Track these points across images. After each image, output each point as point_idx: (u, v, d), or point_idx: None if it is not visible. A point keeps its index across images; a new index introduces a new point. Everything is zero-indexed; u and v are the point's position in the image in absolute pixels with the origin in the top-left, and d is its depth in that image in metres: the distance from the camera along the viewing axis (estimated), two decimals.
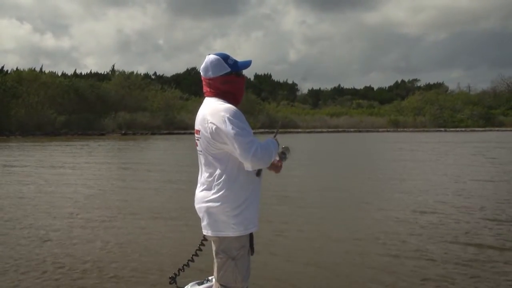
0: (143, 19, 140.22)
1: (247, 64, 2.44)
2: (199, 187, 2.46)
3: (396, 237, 5.40)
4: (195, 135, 2.44)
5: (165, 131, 39.77)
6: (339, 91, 78.82)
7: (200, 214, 2.44)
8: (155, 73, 71.75)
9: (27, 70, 43.60)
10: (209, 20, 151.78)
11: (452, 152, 18.03)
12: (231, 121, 2.23)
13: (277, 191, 8.25)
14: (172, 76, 71.00)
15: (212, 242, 2.47)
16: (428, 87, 70.96)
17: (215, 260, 2.45)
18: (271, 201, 7.42)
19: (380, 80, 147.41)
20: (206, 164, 2.41)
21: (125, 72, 49.31)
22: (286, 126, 47.18)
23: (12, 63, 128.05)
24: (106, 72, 58.71)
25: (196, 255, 2.92)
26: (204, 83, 2.47)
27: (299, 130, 44.99)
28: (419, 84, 76.46)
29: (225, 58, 2.39)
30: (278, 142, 2.47)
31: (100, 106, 41.51)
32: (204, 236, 2.51)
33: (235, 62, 2.41)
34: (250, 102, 45.37)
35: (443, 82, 74.72)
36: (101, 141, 27.77)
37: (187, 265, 3.05)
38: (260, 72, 79.30)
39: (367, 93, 77.26)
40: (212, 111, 2.32)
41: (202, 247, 2.81)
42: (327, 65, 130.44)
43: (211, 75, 2.39)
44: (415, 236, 5.43)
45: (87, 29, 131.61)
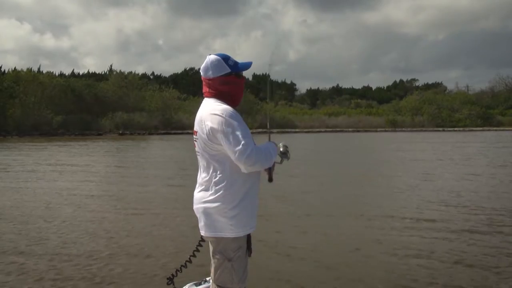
0: (143, 19, 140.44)
1: (247, 66, 2.44)
2: (197, 187, 2.46)
3: (398, 236, 5.35)
4: (193, 135, 2.45)
5: (162, 131, 39.69)
6: (337, 91, 78.86)
7: (197, 215, 2.44)
8: (153, 73, 71.85)
9: (24, 70, 43.47)
10: (209, 20, 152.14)
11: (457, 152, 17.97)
12: (227, 122, 2.23)
13: (276, 190, 8.20)
14: (170, 76, 71.01)
15: (209, 243, 2.46)
16: (427, 87, 71.12)
17: (212, 261, 2.44)
18: (271, 200, 7.41)
19: (379, 80, 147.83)
20: (204, 165, 2.41)
21: (122, 72, 49.25)
22: (284, 126, 47.14)
23: (11, 64, 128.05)
24: (104, 72, 58.56)
25: (194, 255, 2.90)
26: (204, 83, 2.46)
27: (296, 130, 44.94)
28: (417, 84, 76.71)
29: (225, 58, 2.39)
30: (276, 144, 2.44)
31: (97, 106, 41.37)
32: (202, 237, 2.50)
33: (236, 63, 2.41)
34: (248, 102, 45.28)
35: (441, 82, 75.04)
36: (98, 141, 27.60)
37: (185, 265, 3.01)
38: (260, 72, 79.28)
39: (366, 93, 77.33)
40: (209, 112, 2.32)
41: (200, 247, 2.78)
42: (326, 65, 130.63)
43: (211, 75, 2.39)
44: (417, 236, 5.37)
45: (87, 29, 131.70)
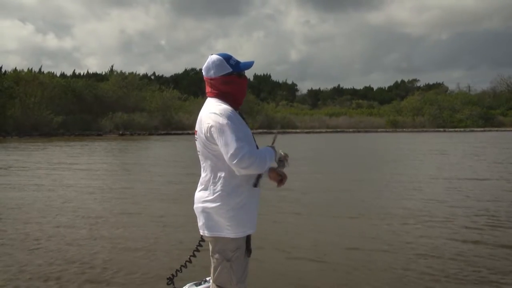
0: (145, 20, 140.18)
1: (249, 65, 2.42)
2: (198, 187, 2.46)
3: (401, 236, 5.34)
4: (194, 135, 2.45)
5: (162, 132, 39.66)
6: (338, 91, 78.80)
7: (197, 214, 2.44)
8: (154, 73, 71.82)
9: (25, 70, 43.43)
10: (211, 21, 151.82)
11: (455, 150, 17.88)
12: (223, 123, 2.22)
13: (279, 190, 8.17)
14: (171, 77, 71.02)
15: (209, 243, 2.46)
16: (428, 87, 71.05)
17: (211, 261, 2.43)
18: (273, 199, 7.44)
19: (381, 80, 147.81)
20: (204, 165, 2.41)
21: (123, 72, 49.26)
22: (284, 126, 47.06)
23: (13, 64, 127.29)
24: (104, 73, 58.51)
25: (194, 255, 2.87)
26: (206, 83, 2.46)
27: (297, 131, 44.86)
28: (418, 84, 76.65)
29: (227, 58, 2.38)
30: (275, 150, 2.43)
31: (98, 107, 41.35)
32: (202, 237, 2.49)
33: (237, 63, 2.39)
34: (249, 102, 45.25)
35: (443, 82, 74.97)
36: (98, 141, 27.55)
37: (185, 266, 2.97)
38: (261, 73, 79.39)
39: (367, 93, 77.28)
40: (208, 112, 2.32)
41: (200, 247, 2.76)
42: (328, 65, 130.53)
43: (212, 75, 2.38)
44: (420, 236, 5.36)
45: (90, 29, 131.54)
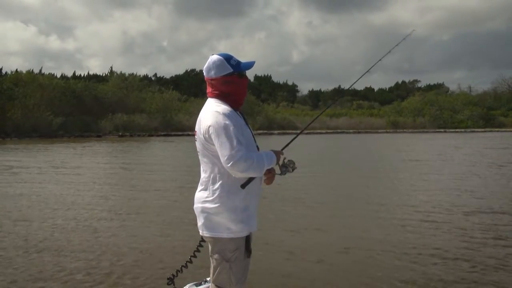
0: (148, 21, 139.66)
1: (249, 65, 2.42)
2: (198, 187, 2.47)
3: (404, 236, 5.38)
4: (194, 136, 2.47)
5: (162, 133, 39.53)
6: (339, 92, 78.61)
7: (196, 214, 2.45)
8: (155, 74, 71.64)
9: (27, 72, 43.23)
10: (214, 22, 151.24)
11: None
12: (221, 124, 2.22)
13: (282, 190, 8.34)
14: (171, 78, 70.81)
15: (208, 243, 2.46)
16: (429, 87, 70.89)
17: (211, 261, 2.44)
18: (276, 199, 7.51)
19: (382, 81, 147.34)
20: (203, 165, 2.43)
21: (123, 73, 49.11)
22: (284, 127, 46.95)
23: (15, 66, 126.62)
24: (105, 74, 58.39)
25: (194, 256, 2.88)
26: (207, 84, 2.47)
27: (297, 131, 44.62)
28: (419, 85, 76.49)
29: (227, 58, 2.38)
30: (278, 155, 2.40)
31: (97, 108, 41.19)
32: (202, 237, 2.50)
33: (238, 63, 2.39)
34: (249, 103, 45.15)
35: (443, 83, 74.78)
36: (98, 143, 27.45)
37: (185, 266, 2.99)
38: (262, 74, 79.27)
39: (368, 94, 77.08)
40: (207, 112, 2.32)
41: (201, 248, 2.77)
42: (330, 66, 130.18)
43: (213, 75, 2.39)
44: (422, 236, 5.37)
45: (92, 31, 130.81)
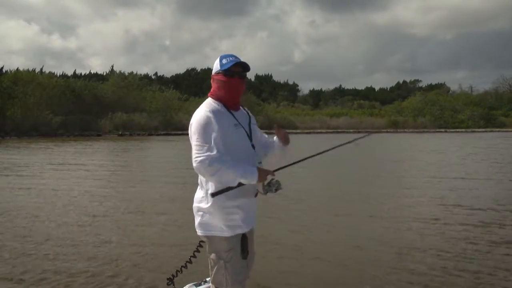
0: (151, 20, 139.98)
1: (231, 62, 2.38)
2: (198, 187, 2.51)
3: (406, 236, 5.42)
4: None
5: (162, 132, 39.60)
6: (340, 92, 78.43)
7: (194, 214, 2.48)
8: (156, 73, 71.73)
9: (29, 70, 43.42)
10: (217, 21, 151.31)
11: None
12: (196, 126, 2.30)
13: (284, 190, 8.28)
14: (171, 77, 70.88)
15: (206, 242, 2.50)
16: (430, 87, 70.58)
17: (208, 261, 2.47)
18: (278, 199, 7.47)
19: (384, 81, 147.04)
20: None
21: (123, 72, 49.28)
22: (285, 127, 46.68)
23: (16, 64, 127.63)
24: (106, 73, 58.56)
25: (194, 256, 2.90)
26: None
27: (297, 131, 44.70)
28: (420, 84, 76.16)
29: (221, 58, 2.43)
30: (262, 173, 2.33)
31: (97, 107, 41.30)
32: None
33: (228, 62, 2.40)
34: (249, 102, 45.18)
35: (445, 82, 74.42)
36: (97, 142, 27.46)
37: (185, 266, 3.01)
38: (264, 73, 79.30)
39: (369, 93, 76.87)
40: (195, 111, 2.41)
41: (200, 248, 2.77)
42: (332, 65, 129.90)
43: (212, 74, 2.50)
44: (426, 235, 5.41)
45: (95, 29, 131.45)
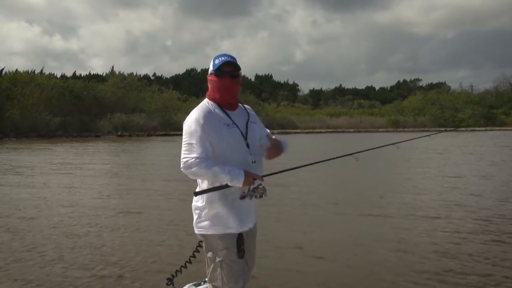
0: (152, 20, 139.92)
1: (221, 62, 2.40)
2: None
3: (409, 235, 5.41)
4: None
5: (161, 133, 39.56)
6: (340, 91, 78.31)
7: (192, 212, 2.51)
8: (154, 74, 71.65)
9: (29, 72, 43.35)
10: (218, 21, 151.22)
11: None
12: (186, 127, 2.36)
13: (286, 190, 8.38)
14: (171, 77, 70.80)
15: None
16: (430, 86, 70.43)
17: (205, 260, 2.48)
18: (281, 198, 7.54)
19: (386, 80, 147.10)
20: None
21: (123, 73, 49.27)
22: (285, 126, 46.87)
23: (17, 66, 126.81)
24: (105, 74, 58.49)
25: (194, 256, 2.90)
26: None
27: (297, 131, 44.63)
28: (421, 84, 76.01)
29: (214, 58, 2.45)
30: (248, 177, 2.32)
31: (96, 108, 41.27)
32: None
33: (218, 62, 2.42)
34: (249, 102, 45.05)
35: (445, 81, 74.27)
36: (96, 143, 27.39)
37: (185, 266, 2.99)
38: (264, 73, 79.28)
39: (369, 93, 76.76)
40: None
41: (200, 248, 2.74)
42: (333, 65, 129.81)
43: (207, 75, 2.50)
44: (428, 235, 5.41)
45: (96, 30, 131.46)
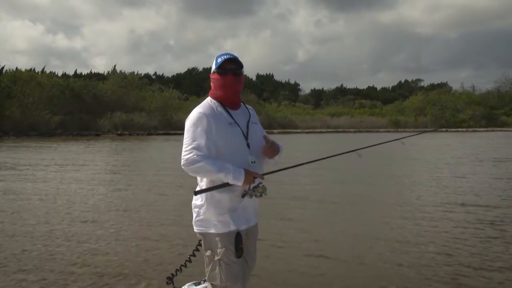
0: (156, 19, 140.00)
1: (222, 60, 2.41)
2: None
3: (413, 234, 5.42)
4: None
5: (161, 132, 39.54)
6: (342, 91, 78.24)
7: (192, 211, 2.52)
8: (156, 73, 71.68)
9: (26, 70, 43.47)
10: (222, 20, 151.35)
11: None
12: (187, 124, 2.39)
13: (287, 190, 8.37)
14: (172, 76, 70.81)
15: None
16: (432, 87, 70.30)
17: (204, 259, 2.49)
18: (282, 198, 7.56)
19: (388, 80, 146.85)
20: None
21: (123, 72, 49.23)
22: (285, 126, 46.85)
23: (20, 64, 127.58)
24: (107, 72, 58.46)
25: (194, 255, 2.90)
26: None
27: (297, 131, 44.58)
28: (422, 84, 75.87)
29: (217, 57, 2.46)
30: (248, 176, 2.32)
31: (96, 107, 41.26)
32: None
33: (221, 60, 2.43)
34: (250, 102, 44.94)
35: (447, 82, 74.10)
36: (96, 141, 27.40)
37: (185, 265, 3.00)
38: (266, 72, 79.34)
39: (370, 93, 76.66)
40: None
41: (200, 247, 2.71)
42: (336, 65, 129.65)
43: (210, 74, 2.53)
44: (432, 234, 5.42)
45: (100, 29, 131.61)
